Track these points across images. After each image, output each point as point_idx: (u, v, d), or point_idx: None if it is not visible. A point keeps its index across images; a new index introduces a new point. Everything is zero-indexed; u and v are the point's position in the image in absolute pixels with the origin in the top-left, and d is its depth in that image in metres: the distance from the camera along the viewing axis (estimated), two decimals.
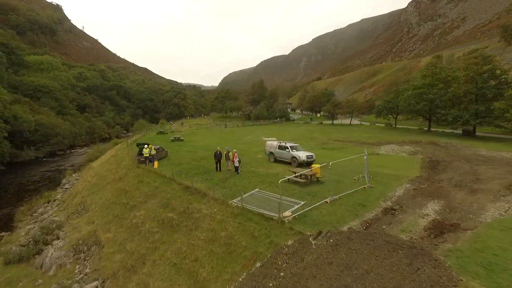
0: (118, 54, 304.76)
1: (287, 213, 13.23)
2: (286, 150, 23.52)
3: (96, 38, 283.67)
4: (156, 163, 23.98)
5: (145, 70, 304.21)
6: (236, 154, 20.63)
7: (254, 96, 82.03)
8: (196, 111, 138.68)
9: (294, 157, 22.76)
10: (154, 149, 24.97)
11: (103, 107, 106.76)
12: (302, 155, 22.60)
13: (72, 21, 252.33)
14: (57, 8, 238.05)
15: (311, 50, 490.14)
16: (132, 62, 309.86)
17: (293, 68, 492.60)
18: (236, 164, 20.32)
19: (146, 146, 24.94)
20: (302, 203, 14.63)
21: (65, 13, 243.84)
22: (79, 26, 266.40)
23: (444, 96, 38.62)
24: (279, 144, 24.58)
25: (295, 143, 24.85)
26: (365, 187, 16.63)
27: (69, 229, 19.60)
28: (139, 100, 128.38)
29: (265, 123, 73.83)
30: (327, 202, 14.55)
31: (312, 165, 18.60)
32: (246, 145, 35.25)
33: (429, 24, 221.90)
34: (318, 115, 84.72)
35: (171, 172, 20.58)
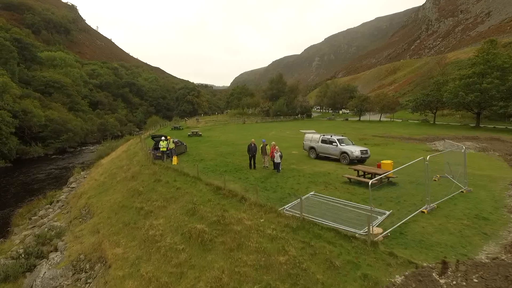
0: (131, 54, 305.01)
1: (377, 229, 8.95)
2: (333, 144, 19.21)
3: (109, 38, 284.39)
4: (175, 158, 20.07)
5: (157, 69, 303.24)
6: (276, 147, 16.49)
7: (273, 92, 77.61)
8: (209, 109, 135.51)
9: (344, 152, 18.42)
10: (173, 142, 21.08)
11: (116, 104, 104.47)
12: (354, 150, 18.26)
13: (86, 21, 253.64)
14: (72, 8, 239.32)
15: (324, 49, 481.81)
16: (145, 62, 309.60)
17: (305, 67, 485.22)
18: (277, 159, 16.16)
19: (163, 138, 21.07)
20: (388, 213, 10.34)
21: (80, 13, 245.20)
22: (93, 26, 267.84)
23: (501, 85, 33.40)
24: (322, 137, 20.30)
25: (342, 136, 20.52)
26: (462, 191, 12.22)
27: (70, 238, 15.80)
28: (152, 98, 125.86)
29: (285, 119, 69.52)
30: (424, 212, 10.21)
31: (382, 161, 14.23)
32: (274, 140, 31.00)
33: (450, 20, 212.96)
34: (340, 112, 79.70)
35: (196, 169, 16.54)
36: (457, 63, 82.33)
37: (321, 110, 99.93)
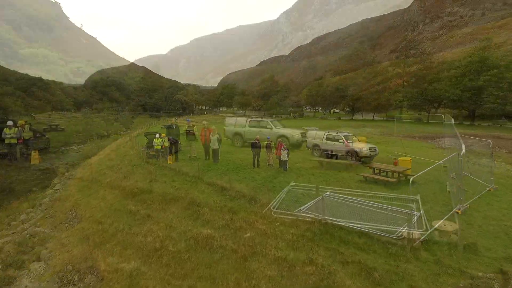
0: (116, 53, 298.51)
1: (416, 233, 7.91)
2: (340, 141, 18.23)
3: (94, 36, 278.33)
4: (170, 157, 18.66)
5: (144, 69, 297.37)
6: (283, 144, 15.35)
7: (265, 91, 76.84)
8: (198, 109, 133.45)
9: (352, 150, 17.46)
10: (168, 140, 19.67)
11: (102, 103, 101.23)
12: (363, 147, 17.34)
13: (70, 19, 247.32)
14: (55, 5, 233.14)
15: (312, 50, 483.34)
16: (132, 61, 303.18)
17: (293, 68, 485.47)
18: (284, 157, 15.02)
19: (157, 135, 19.63)
20: (419, 214, 9.33)
21: (64, 11, 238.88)
22: (78, 24, 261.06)
23: (498, 83, 33.34)
24: (327, 134, 19.33)
25: (347, 133, 19.64)
26: (490, 190, 11.41)
27: (55, 245, 14.17)
28: (139, 97, 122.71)
29: (277, 118, 68.66)
30: (457, 212, 9.27)
31: (400, 158, 13.32)
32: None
33: (435, 22, 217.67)
34: (331, 111, 79.49)
35: (195, 168, 15.25)
36: (445, 63, 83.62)
37: (311, 110, 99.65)
